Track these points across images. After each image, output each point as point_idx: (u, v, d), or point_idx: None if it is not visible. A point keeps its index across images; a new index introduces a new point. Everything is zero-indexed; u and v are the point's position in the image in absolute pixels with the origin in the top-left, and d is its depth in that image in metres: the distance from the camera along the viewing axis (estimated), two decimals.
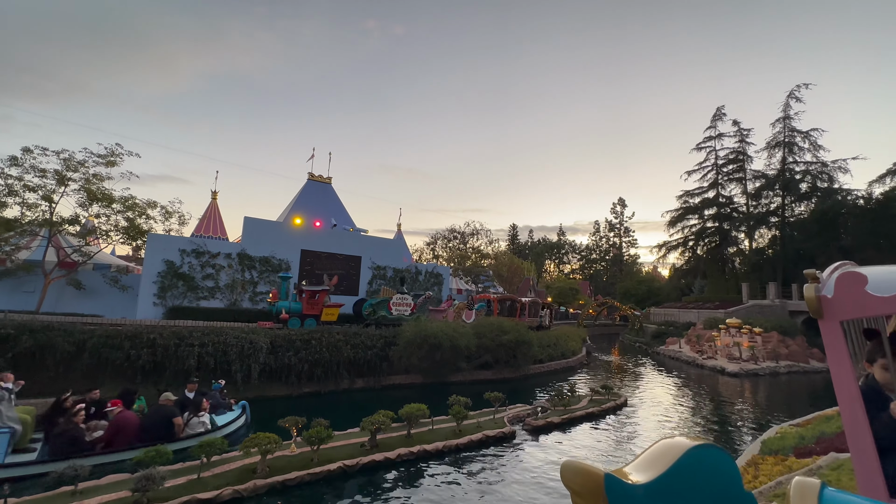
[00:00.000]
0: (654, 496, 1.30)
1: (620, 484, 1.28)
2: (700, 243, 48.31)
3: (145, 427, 8.37)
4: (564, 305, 53.41)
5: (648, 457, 1.43)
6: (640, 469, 1.38)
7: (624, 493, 1.28)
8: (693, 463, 1.36)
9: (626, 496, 1.27)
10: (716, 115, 47.88)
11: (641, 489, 1.30)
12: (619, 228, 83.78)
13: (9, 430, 7.16)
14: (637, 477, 1.34)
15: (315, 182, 23.46)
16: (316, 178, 23.46)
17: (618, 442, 10.91)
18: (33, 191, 14.39)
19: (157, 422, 8.49)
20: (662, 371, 24.29)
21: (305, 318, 15.89)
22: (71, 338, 11.14)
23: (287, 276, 16.30)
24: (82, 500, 6.23)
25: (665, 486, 1.32)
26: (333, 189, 23.96)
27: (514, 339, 17.93)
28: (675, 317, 38.36)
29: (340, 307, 16.98)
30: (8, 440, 7.07)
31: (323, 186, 23.55)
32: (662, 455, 1.40)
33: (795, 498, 1.24)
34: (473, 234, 34.68)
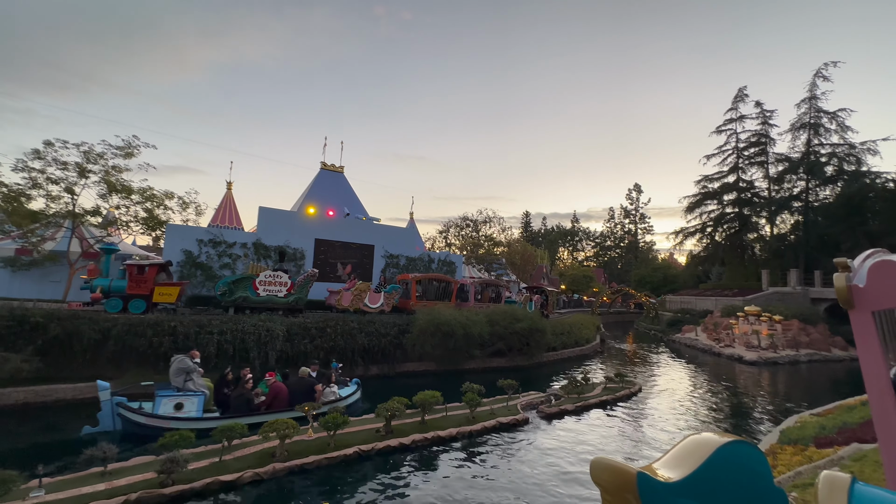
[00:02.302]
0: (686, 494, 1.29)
1: (653, 482, 1.27)
2: (719, 229, 47.10)
3: (293, 394, 9.89)
4: (578, 293, 53.06)
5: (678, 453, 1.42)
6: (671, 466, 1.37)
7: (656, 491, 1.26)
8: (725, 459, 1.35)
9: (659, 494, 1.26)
10: (737, 97, 46.20)
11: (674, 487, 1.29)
12: (634, 215, 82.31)
13: (202, 394, 9.21)
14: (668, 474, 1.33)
15: (328, 171, 23.53)
16: (329, 167, 23.53)
17: (632, 430, 10.88)
18: (56, 183, 14.77)
19: (301, 390, 10.06)
20: (678, 359, 24.03)
21: (131, 298, 13.17)
22: (96, 326, 11.53)
23: (111, 247, 13.73)
24: (111, 480, 6.50)
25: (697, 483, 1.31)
26: (346, 178, 24.00)
27: (528, 327, 17.90)
28: (692, 304, 37.77)
29: (182, 286, 14.22)
30: (202, 401, 9.14)
31: (336, 176, 23.62)
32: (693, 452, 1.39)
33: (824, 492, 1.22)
34: (486, 222, 34.39)
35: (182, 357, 9.46)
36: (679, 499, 1.28)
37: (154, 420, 8.62)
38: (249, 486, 7.03)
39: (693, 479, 1.31)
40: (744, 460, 1.39)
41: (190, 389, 9.16)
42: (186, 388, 9.16)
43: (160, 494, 6.32)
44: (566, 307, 46.78)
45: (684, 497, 1.29)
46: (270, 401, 9.67)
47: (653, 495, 1.25)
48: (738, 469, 1.38)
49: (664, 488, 1.27)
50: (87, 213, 15.42)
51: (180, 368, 9.24)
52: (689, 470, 1.32)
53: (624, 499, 1.25)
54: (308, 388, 10.23)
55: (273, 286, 14.88)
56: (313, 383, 10.41)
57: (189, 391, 9.12)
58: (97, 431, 8.62)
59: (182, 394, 9.03)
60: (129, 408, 8.76)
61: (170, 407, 8.85)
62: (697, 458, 1.35)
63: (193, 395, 9.09)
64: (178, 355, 9.58)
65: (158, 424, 8.49)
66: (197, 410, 8.99)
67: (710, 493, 1.31)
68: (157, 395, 8.96)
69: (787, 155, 41.63)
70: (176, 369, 9.23)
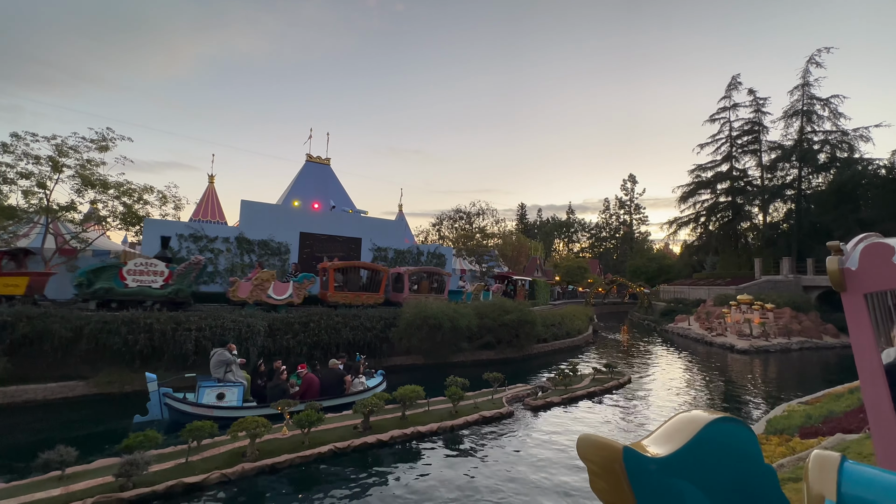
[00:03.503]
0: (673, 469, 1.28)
1: (639, 457, 1.26)
2: (712, 219, 47.07)
3: (324, 385, 10.29)
4: (573, 284, 52.96)
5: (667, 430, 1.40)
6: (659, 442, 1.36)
7: (642, 466, 1.26)
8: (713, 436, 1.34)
9: (645, 469, 1.26)
10: (731, 85, 45.88)
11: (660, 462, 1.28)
12: (629, 205, 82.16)
13: (242, 385, 9.63)
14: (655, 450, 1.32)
15: (313, 163, 23.06)
16: (314, 159, 23.05)
17: (619, 420, 10.71)
18: (27, 178, 14.30)
19: (332, 381, 10.47)
20: (670, 349, 23.95)
21: None
22: (68, 324, 11.16)
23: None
24: (68, 485, 6.21)
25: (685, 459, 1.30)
26: (332, 170, 23.56)
27: (517, 319, 17.68)
28: (685, 294, 37.72)
29: (31, 276, 12.96)
30: (242, 391, 9.56)
31: (322, 168, 23.15)
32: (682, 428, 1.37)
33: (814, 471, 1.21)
34: (479, 214, 34.06)
35: (221, 350, 9.85)
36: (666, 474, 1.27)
37: (198, 409, 9.03)
38: (217, 488, 6.77)
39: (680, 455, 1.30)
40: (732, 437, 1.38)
41: (230, 380, 9.58)
42: (227, 379, 9.57)
43: (118, 499, 6.04)
44: (560, 298, 46.70)
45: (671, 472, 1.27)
46: (304, 391, 10.05)
47: (639, 470, 1.24)
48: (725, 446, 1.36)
49: (651, 463, 1.26)
50: (62, 208, 14.97)
51: (221, 361, 9.63)
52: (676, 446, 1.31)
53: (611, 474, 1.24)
54: (338, 379, 10.66)
55: (146, 276, 13.08)
56: (342, 375, 10.84)
57: (229, 382, 9.54)
58: (147, 420, 9.08)
59: (223, 384, 9.45)
60: (175, 398, 9.22)
61: (212, 397, 9.29)
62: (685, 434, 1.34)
63: (233, 385, 9.53)
64: (218, 349, 9.98)
65: (202, 413, 8.84)
66: (237, 400, 9.46)
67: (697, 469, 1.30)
68: (200, 385, 9.37)
69: (780, 143, 41.46)
70: (217, 361, 9.63)
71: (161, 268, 13.40)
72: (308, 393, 10.06)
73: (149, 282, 13.17)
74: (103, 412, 10.20)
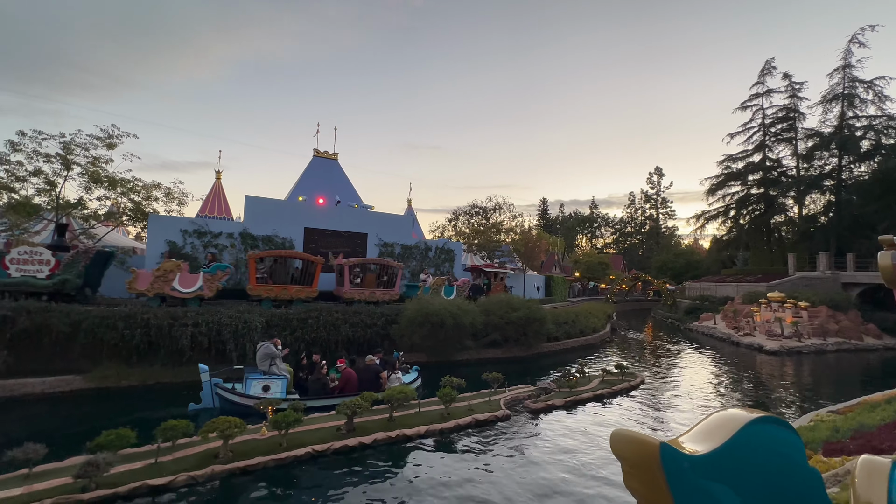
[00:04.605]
0: (713, 468, 1.23)
1: (677, 454, 1.23)
2: (743, 212, 44.52)
3: (361, 380, 10.47)
4: (594, 280, 51.45)
5: (705, 428, 1.34)
6: (696, 440, 1.31)
7: (681, 463, 1.22)
8: (753, 436, 1.29)
9: (684, 467, 1.21)
10: (764, 70, 43.16)
11: (700, 460, 1.24)
12: (655, 199, 79.27)
13: (285, 377, 10.00)
14: (693, 448, 1.27)
15: (321, 158, 22.91)
16: (321, 154, 22.91)
17: (625, 425, 9.93)
18: (37, 175, 14.61)
19: (369, 377, 10.68)
20: (693, 348, 22.69)
21: None
22: (67, 319, 11.27)
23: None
24: (32, 484, 6.07)
25: (725, 458, 1.25)
26: (339, 165, 23.34)
27: (525, 316, 17.00)
28: (712, 291, 35.87)
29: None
30: (285, 383, 9.94)
31: (329, 163, 22.97)
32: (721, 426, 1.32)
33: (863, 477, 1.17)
34: (496, 209, 33.33)
35: (267, 344, 10.23)
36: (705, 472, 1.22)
37: (246, 399, 9.36)
38: (184, 490, 6.51)
39: (719, 453, 1.25)
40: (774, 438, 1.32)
41: (274, 373, 9.95)
42: (271, 371, 9.95)
43: (78, 500, 5.85)
44: (581, 295, 45.41)
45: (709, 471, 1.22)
46: (343, 385, 10.27)
47: (676, 467, 1.21)
48: (767, 446, 1.30)
49: (689, 461, 1.23)
50: (72, 205, 15.26)
51: (266, 354, 10.00)
52: (715, 444, 1.26)
53: (647, 471, 1.21)
54: (374, 374, 10.83)
55: (30, 265, 12.08)
56: (379, 370, 11.02)
57: (274, 375, 9.92)
58: (200, 408, 9.64)
59: (268, 377, 9.83)
60: (225, 388, 9.67)
61: (258, 388, 9.65)
62: (724, 433, 1.29)
63: (278, 378, 9.90)
64: (264, 342, 10.35)
65: (249, 403, 9.10)
66: (281, 392, 9.79)
67: (736, 469, 1.25)
68: (247, 377, 9.76)
69: (818, 130, 38.69)
70: (262, 355, 10.01)
71: (47, 256, 12.32)
72: (346, 388, 10.19)
73: (33, 271, 12.14)
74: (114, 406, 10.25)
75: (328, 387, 10.32)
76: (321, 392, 10.17)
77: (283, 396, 9.75)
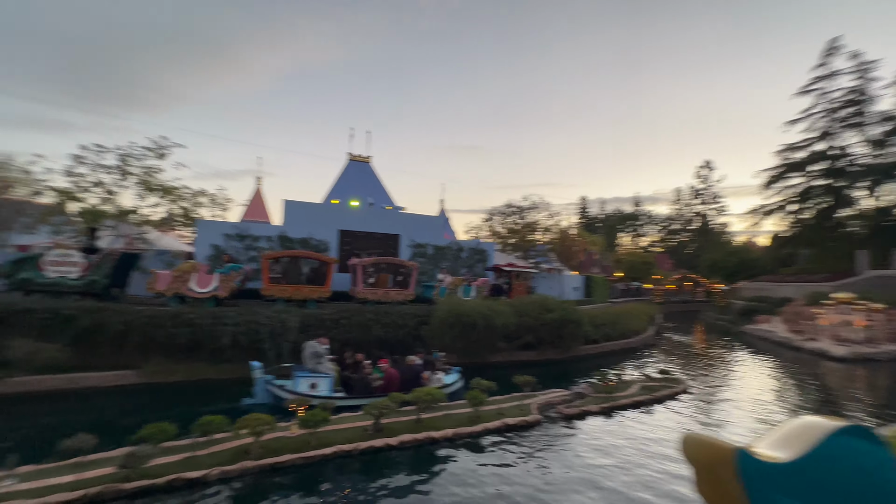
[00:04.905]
0: (794, 478, 1.16)
1: (756, 461, 1.17)
2: (805, 206, 40.99)
3: (403, 380, 10.53)
4: (637, 280, 49.24)
5: (785, 435, 1.28)
6: (776, 448, 1.24)
7: (761, 471, 1.16)
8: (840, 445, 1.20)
9: (764, 475, 1.16)
10: (828, 50, 39.52)
11: (781, 468, 1.17)
12: (705, 195, 74.76)
13: (331, 376, 10.33)
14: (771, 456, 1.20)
15: (355, 162, 23.40)
16: (356, 157, 23.41)
17: (664, 436, 9.29)
18: (98, 185, 15.87)
19: (410, 377, 10.75)
20: (747, 353, 21.10)
21: None
22: (121, 318, 12.10)
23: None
24: (82, 472, 6.50)
25: (807, 468, 1.17)
26: (372, 168, 23.72)
27: (559, 318, 16.46)
28: (769, 291, 33.26)
29: None
30: (331, 382, 10.25)
31: (362, 166, 23.41)
32: (803, 434, 1.24)
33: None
34: (532, 209, 32.70)
35: (313, 343, 10.59)
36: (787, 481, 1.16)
37: (295, 396, 9.66)
38: (217, 484, 6.75)
39: (801, 464, 1.17)
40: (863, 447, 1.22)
41: (321, 371, 10.28)
42: (318, 370, 10.28)
43: (119, 490, 6.20)
44: (623, 296, 43.58)
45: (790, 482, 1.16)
46: (386, 385, 10.34)
47: (755, 475, 1.15)
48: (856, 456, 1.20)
49: (769, 469, 1.17)
50: (128, 212, 16.45)
51: (313, 353, 10.36)
52: (799, 453, 1.19)
53: (719, 477, 1.16)
54: (415, 374, 10.91)
55: (63, 266, 12.90)
56: (420, 370, 11.10)
57: (320, 373, 10.25)
58: (254, 403, 10.04)
59: (315, 375, 10.17)
60: (275, 385, 10.13)
61: (306, 386, 9.99)
62: (809, 440, 1.21)
63: (324, 376, 10.23)
64: (310, 342, 10.69)
65: (298, 400, 9.31)
66: (328, 390, 10.13)
67: (819, 481, 1.17)
68: (296, 375, 10.12)
69: (894, 113, 34.98)
70: (310, 353, 10.37)
71: (78, 258, 13.16)
72: (389, 387, 10.23)
73: (66, 272, 12.99)
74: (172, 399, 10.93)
75: (371, 386, 10.47)
76: (365, 391, 10.33)
77: (329, 394, 10.05)
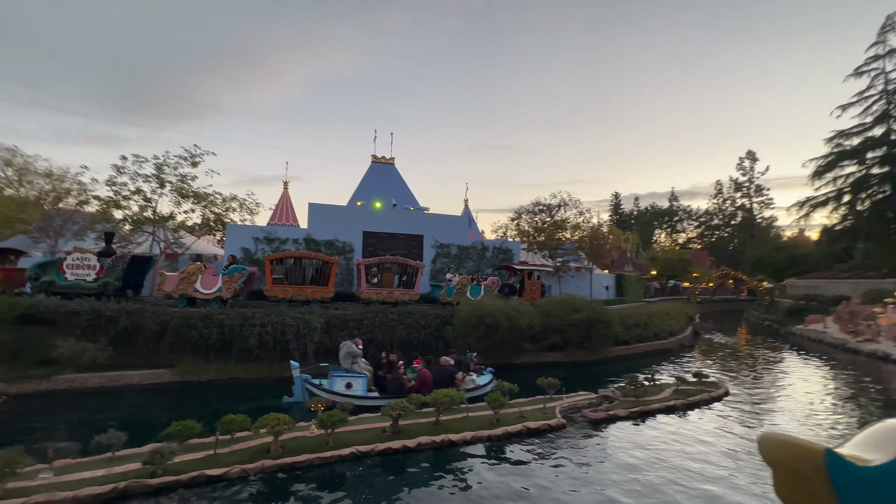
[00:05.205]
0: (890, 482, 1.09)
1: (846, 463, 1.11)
2: (861, 196, 37.93)
3: (436, 380, 10.61)
4: (674, 279, 47.13)
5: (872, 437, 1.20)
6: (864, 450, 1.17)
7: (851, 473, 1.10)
8: None
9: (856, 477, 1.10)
10: (885, 26, 36.48)
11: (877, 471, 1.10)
12: (748, 187, 70.69)
13: (366, 376, 10.55)
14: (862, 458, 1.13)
15: (379, 164, 23.64)
16: (379, 159, 23.64)
17: (698, 446, 8.72)
18: (138, 193, 16.74)
19: (444, 377, 10.80)
20: (796, 356, 19.69)
21: None
22: (157, 319, 12.69)
23: None
24: (113, 467, 6.79)
25: None
26: (396, 169, 23.90)
27: (587, 318, 15.91)
28: (821, 289, 30.96)
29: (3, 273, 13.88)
30: (366, 381, 10.47)
31: (386, 167, 23.62)
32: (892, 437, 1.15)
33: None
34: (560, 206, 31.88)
35: (349, 343, 10.73)
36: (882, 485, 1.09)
37: (331, 395, 9.88)
38: (238, 482, 6.88)
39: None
40: None
41: (356, 371, 10.44)
42: (353, 369, 10.43)
43: (146, 485, 6.42)
44: (658, 295, 41.83)
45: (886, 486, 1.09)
46: (419, 385, 10.37)
47: (847, 477, 1.10)
48: None
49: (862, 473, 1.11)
50: (164, 218, 17.26)
51: (349, 353, 10.49)
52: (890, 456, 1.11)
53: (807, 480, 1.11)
54: (449, 375, 10.89)
55: (82, 269, 13.59)
56: (453, 371, 11.11)
57: (355, 373, 10.41)
58: (293, 401, 10.32)
59: (351, 375, 10.34)
60: (313, 383, 10.31)
61: (342, 385, 10.20)
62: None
63: (359, 376, 10.40)
64: (346, 342, 10.84)
65: (334, 399, 9.60)
66: (363, 390, 10.30)
67: None
68: (332, 375, 10.38)
69: None
70: (345, 353, 10.50)
71: (93, 262, 13.79)
72: (423, 388, 10.25)
73: (83, 275, 13.64)
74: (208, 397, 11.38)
75: (405, 386, 10.46)
76: (398, 391, 10.28)
77: (363, 394, 10.19)
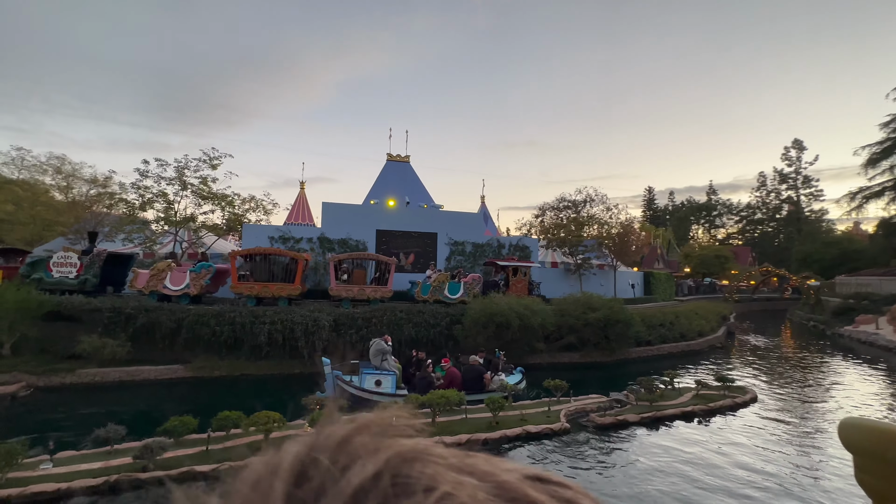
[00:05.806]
0: None
1: None
2: None
3: (465, 379, 10.78)
4: (710, 276, 44.73)
5: None
6: None
7: None
8: None
9: None
10: None
11: None
12: (794, 178, 65.95)
13: (394, 373, 10.57)
14: None
15: (394, 162, 23.63)
16: (394, 157, 23.62)
17: (713, 456, 8.04)
18: (162, 196, 17.43)
19: (472, 376, 10.94)
20: (843, 359, 18.13)
21: None
22: (173, 316, 13.11)
23: None
24: (110, 460, 6.98)
25: None
26: (411, 167, 23.81)
27: (605, 317, 15.21)
28: (874, 287, 28.42)
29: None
30: (395, 379, 10.43)
31: (402, 165, 23.57)
32: None
33: None
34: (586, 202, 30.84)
35: (379, 341, 10.73)
36: None
37: (361, 392, 9.93)
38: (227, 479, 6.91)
39: None
40: None
41: (385, 369, 10.45)
42: (383, 367, 10.44)
43: (136, 479, 6.55)
44: (691, 293, 39.79)
45: None
46: (447, 384, 10.42)
47: None
48: None
49: None
50: (186, 220, 17.90)
51: (378, 350, 10.50)
52: None
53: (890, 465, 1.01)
54: (478, 374, 10.93)
55: (65, 267, 14.31)
56: (482, 371, 11.10)
57: (385, 370, 10.42)
58: (325, 397, 10.27)
59: (380, 372, 10.35)
60: (344, 380, 10.33)
61: (371, 382, 10.18)
62: None
63: (389, 373, 10.37)
64: (376, 339, 10.85)
65: (364, 396, 9.78)
66: (392, 387, 10.23)
67: None
68: (362, 372, 10.38)
69: None
70: (375, 351, 10.51)
71: (74, 260, 14.51)
72: (451, 386, 10.26)
73: (66, 273, 14.35)
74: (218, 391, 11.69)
75: (433, 385, 10.40)
76: (426, 389, 10.10)
77: (392, 391, 10.14)
